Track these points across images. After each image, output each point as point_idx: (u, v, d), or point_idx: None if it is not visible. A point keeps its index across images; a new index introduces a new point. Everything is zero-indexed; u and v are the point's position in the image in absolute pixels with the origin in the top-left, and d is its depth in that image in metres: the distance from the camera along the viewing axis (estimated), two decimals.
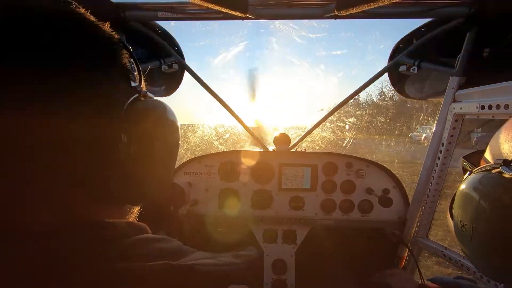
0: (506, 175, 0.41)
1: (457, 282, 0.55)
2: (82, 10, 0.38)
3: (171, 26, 1.54)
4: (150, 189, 0.44)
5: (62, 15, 0.35)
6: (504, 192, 0.42)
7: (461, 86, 1.30)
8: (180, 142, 0.49)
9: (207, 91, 1.60)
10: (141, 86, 0.43)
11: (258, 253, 1.60)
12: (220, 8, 1.05)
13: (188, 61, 1.62)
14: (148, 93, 0.42)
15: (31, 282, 0.33)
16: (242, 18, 1.27)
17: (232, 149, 1.76)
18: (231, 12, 1.12)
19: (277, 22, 1.45)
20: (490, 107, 1.10)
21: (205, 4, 1.00)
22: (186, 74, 1.66)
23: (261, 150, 1.71)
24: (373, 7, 0.95)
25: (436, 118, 1.42)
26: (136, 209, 0.48)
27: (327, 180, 1.60)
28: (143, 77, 0.45)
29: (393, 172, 1.62)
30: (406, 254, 1.62)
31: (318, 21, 1.31)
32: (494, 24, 1.20)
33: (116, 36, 0.40)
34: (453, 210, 0.52)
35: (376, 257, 1.67)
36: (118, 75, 0.40)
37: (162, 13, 1.29)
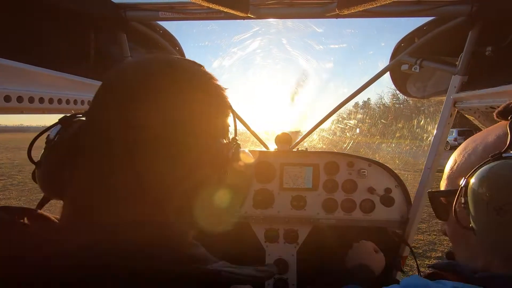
0: None
1: (452, 264, 0.56)
2: (212, 75, 0.50)
3: (172, 26, 1.55)
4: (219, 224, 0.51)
5: (202, 77, 0.49)
6: None
7: (463, 85, 1.29)
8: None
9: None
10: (236, 138, 0.54)
11: (276, 270, 1.60)
12: (221, 8, 1.06)
13: None
14: (240, 145, 0.52)
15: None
16: (243, 18, 1.26)
17: None
18: (232, 11, 1.12)
19: (279, 21, 1.45)
20: (492, 107, 1.10)
21: (206, 4, 1.00)
22: None
23: (263, 149, 1.71)
24: (375, 6, 0.95)
25: (438, 117, 1.41)
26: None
27: (328, 180, 1.60)
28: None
29: (394, 171, 1.61)
30: (408, 254, 1.62)
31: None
32: (496, 22, 1.20)
33: (227, 98, 0.51)
34: (473, 198, 0.50)
35: None
36: (224, 127, 0.51)
37: (163, 13, 1.29)
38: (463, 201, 0.50)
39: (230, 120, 0.52)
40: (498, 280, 0.45)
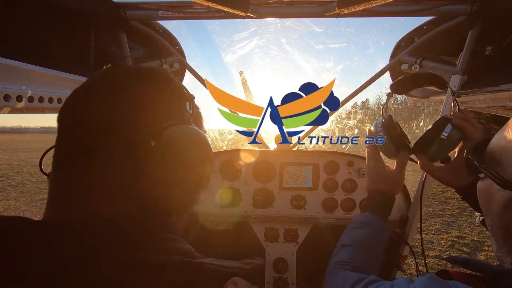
0: None
1: (468, 259, 0.56)
2: (168, 70, 0.55)
3: (172, 25, 1.55)
4: (173, 200, 0.50)
5: (159, 74, 0.54)
6: None
7: (463, 85, 1.30)
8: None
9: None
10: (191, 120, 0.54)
11: (264, 262, 1.60)
12: (221, 7, 1.06)
13: (189, 60, 1.62)
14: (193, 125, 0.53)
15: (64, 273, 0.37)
16: (243, 17, 1.26)
17: (233, 147, 1.76)
18: (232, 11, 1.12)
19: (279, 21, 1.45)
20: (492, 106, 1.10)
21: (206, 3, 1.00)
22: (187, 73, 1.66)
23: (263, 149, 1.71)
24: (375, 5, 0.95)
25: (437, 117, 1.42)
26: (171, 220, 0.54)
27: (328, 179, 1.60)
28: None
29: None
30: (407, 253, 1.62)
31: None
32: (496, 22, 1.20)
33: (185, 89, 0.56)
34: None
35: (377, 256, 1.66)
36: (181, 113, 0.53)
37: (163, 12, 1.29)
38: None
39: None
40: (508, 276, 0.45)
